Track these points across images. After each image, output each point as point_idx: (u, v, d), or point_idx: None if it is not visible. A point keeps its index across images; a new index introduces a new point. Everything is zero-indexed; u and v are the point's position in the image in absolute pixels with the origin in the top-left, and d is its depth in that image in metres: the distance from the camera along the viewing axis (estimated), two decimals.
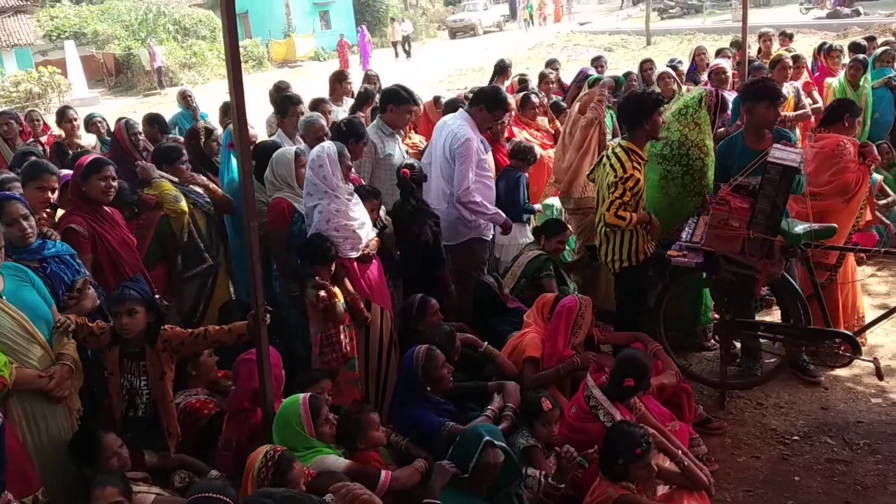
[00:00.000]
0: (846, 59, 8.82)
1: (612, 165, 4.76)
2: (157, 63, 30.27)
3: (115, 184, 4.41)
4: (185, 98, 9.29)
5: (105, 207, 4.42)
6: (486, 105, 5.43)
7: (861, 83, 7.90)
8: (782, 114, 6.98)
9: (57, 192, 4.54)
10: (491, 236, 5.78)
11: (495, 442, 3.40)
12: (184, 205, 4.89)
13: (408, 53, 34.60)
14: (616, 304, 5.37)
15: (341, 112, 7.38)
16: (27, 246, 3.76)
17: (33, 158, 5.07)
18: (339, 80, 8.09)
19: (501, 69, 8.94)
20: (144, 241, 4.80)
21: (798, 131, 7.61)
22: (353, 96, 8.03)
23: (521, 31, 39.14)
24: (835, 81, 8.12)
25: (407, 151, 6.06)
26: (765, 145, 4.62)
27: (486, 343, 4.77)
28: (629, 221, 4.71)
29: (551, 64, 9.75)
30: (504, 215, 5.50)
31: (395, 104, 5.63)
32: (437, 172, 5.46)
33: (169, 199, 4.84)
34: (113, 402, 3.78)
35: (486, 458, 3.34)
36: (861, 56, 8.23)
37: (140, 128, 6.35)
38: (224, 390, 4.38)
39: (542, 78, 8.91)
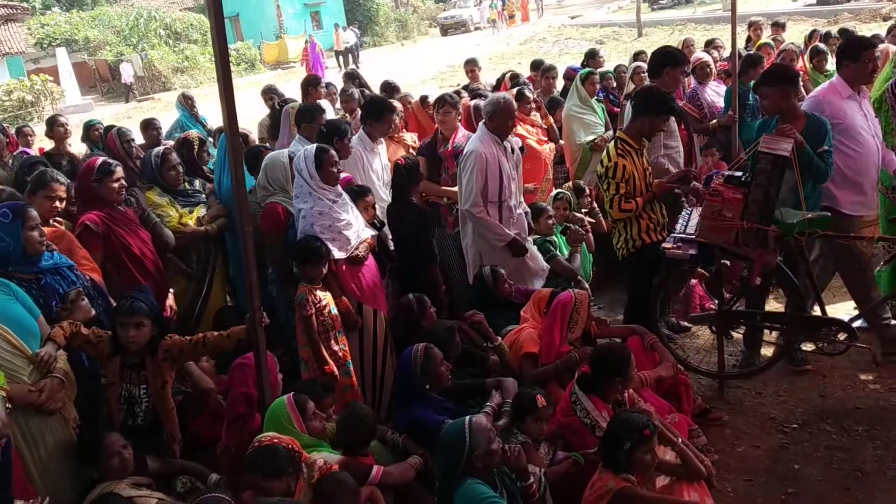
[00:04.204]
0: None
1: (605, 154, 5.00)
2: (127, 79, 30.16)
3: (125, 183, 4.62)
4: (186, 99, 9.11)
5: (119, 207, 4.61)
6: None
7: (829, 71, 7.91)
8: None
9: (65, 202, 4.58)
10: None
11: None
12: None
13: (349, 66, 29.67)
14: (627, 297, 5.47)
15: None
16: (39, 253, 3.76)
17: (40, 168, 5.08)
18: (311, 85, 8.08)
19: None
20: None
21: None
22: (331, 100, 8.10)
23: (488, 32, 37.98)
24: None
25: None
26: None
27: (500, 339, 4.78)
28: (636, 208, 4.91)
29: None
30: None
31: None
32: None
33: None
34: (112, 411, 3.78)
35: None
36: (821, 45, 8.44)
37: (132, 135, 6.34)
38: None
39: (545, 72, 8.83)
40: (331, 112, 7.67)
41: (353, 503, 3.27)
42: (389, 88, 8.28)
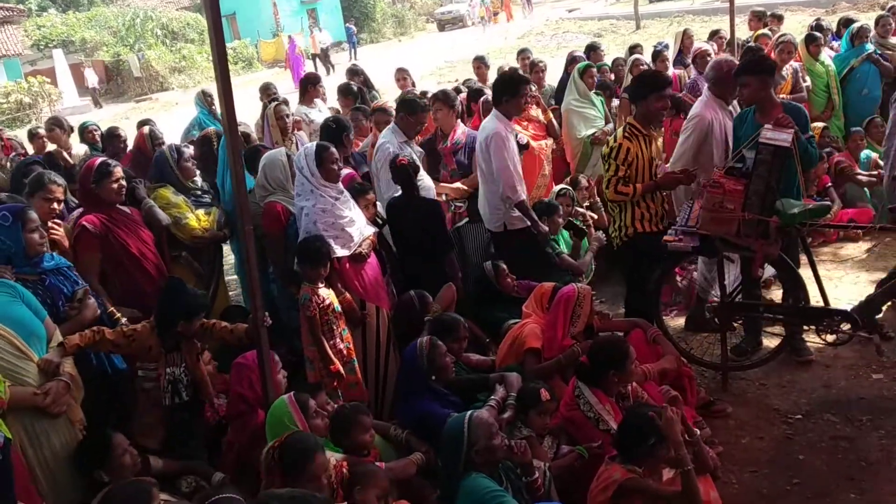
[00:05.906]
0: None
1: (613, 136, 5.06)
2: (91, 85, 30.01)
3: (124, 183, 4.60)
4: (206, 97, 8.80)
5: (123, 207, 4.63)
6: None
7: (822, 58, 7.96)
8: (779, 96, 6.98)
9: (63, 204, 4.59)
10: None
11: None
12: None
13: (328, 67, 29.84)
14: (626, 287, 5.48)
15: (314, 113, 7.42)
16: (40, 255, 3.78)
17: (38, 170, 5.09)
18: (310, 83, 8.07)
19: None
20: None
21: None
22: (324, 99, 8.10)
23: (479, 29, 37.30)
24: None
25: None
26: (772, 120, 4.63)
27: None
28: (633, 193, 4.89)
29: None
30: None
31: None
32: None
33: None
34: (158, 398, 3.90)
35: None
36: (817, 34, 8.34)
37: (164, 137, 6.30)
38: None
39: (533, 67, 8.87)
40: (325, 110, 7.68)
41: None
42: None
